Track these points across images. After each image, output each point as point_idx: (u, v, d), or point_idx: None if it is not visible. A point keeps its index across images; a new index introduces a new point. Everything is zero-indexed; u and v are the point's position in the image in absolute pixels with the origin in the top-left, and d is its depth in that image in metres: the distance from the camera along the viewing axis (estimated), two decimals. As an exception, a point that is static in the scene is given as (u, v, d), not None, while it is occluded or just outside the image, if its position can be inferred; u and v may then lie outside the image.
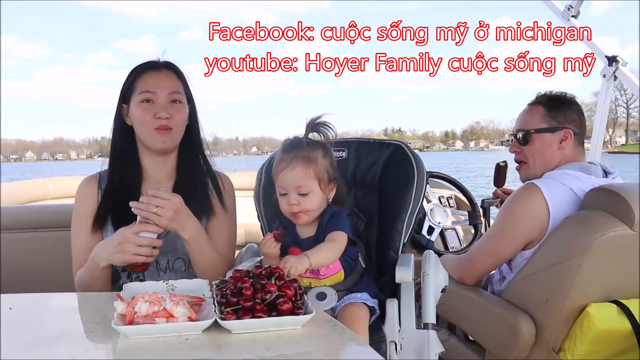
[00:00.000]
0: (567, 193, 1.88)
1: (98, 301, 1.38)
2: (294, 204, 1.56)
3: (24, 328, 1.20)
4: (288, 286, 1.20)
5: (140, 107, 1.68)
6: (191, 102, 1.79)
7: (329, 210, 1.62)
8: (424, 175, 1.80)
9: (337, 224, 1.57)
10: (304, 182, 1.56)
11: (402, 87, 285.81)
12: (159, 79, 1.71)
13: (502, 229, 1.97)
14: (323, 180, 1.58)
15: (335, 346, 1.09)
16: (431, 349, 1.58)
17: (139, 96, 1.68)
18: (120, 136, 1.75)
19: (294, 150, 1.59)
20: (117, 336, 1.10)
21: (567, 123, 2.04)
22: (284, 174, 1.57)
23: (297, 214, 1.58)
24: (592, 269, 1.74)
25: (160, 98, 1.68)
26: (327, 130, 1.64)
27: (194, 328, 1.12)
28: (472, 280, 2.07)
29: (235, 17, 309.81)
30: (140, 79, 1.71)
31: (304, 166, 1.56)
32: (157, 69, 1.73)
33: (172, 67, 1.76)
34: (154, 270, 1.71)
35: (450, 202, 3.31)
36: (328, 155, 1.61)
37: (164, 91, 1.69)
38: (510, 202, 1.96)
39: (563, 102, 2.07)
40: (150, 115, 1.66)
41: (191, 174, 1.78)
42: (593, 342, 1.76)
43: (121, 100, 1.74)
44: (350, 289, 1.62)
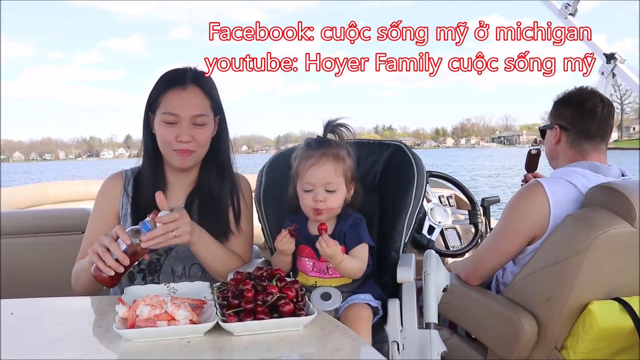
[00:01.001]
0: (570, 190, 1.88)
1: (99, 305, 1.38)
2: (320, 201, 1.57)
3: (25, 332, 1.20)
4: (289, 287, 1.20)
5: (162, 127, 1.63)
6: (220, 112, 1.71)
7: (349, 216, 1.63)
8: (424, 175, 1.80)
9: (362, 235, 1.60)
10: (334, 178, 1.58)
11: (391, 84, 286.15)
12: (183, 99, 1.62)
13: (506, 226, 1.98)
14: (348, 179, 1.61)
15: (337, 347, 1.09)
16: (433, 349, 1.57)
17: (162, 115, 1.62)
18: (148, 143, 1.71)
19: (322, 147, 1.60)
20: (119, 340, 1.10)
21: (560, 120, 2.04)
22: (314, 169, 1.58)
23: (320, 211, 1.58)
24: (594, 267, 1.73)
25: (183, 120, 1.61)
26: (343, 131, 1.67)
27: (195, 331, 1.12)
28: (478, 280, 2.07)
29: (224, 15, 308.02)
30: (164, 96, 1.63)
31: (334, 163, 1.58)
32: (183, 85, 1.63)
33: (199, 82, 1.66)
34: (169, 275, 1.70)
35: (450, 202, 3.31)
36: (351, 156, 1.64)
37: (188, 113, 1.61)
38: (514, 200, 1.97)
39: (562, 99, 2.07)
40: (172, 137, 1.61)
41: (213, 190, 1.72)
42: (595, 339, 1.75)
43: (147, 109, 1.69)
44: (354, 290, 1.62)
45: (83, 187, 4.09)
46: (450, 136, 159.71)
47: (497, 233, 2.02)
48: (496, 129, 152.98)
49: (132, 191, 1.73)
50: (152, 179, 1.70)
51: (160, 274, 1.71)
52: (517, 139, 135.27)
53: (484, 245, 2.12)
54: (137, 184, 1.73)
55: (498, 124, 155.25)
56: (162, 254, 1.71)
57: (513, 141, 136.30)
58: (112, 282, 1.40)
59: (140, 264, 1.70)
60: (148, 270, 1.71)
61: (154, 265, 1.71)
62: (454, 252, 2.96)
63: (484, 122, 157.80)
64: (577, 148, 2.01)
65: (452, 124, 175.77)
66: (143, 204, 1.67)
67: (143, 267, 1.71)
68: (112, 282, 1.41)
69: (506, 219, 1.99)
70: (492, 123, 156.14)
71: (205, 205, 1.71)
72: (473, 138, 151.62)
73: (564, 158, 2.03)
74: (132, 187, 1.74)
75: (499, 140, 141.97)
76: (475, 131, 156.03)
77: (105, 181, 1.79)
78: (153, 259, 1.70)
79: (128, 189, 1.74)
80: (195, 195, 1.73)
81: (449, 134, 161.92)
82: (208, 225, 1.61)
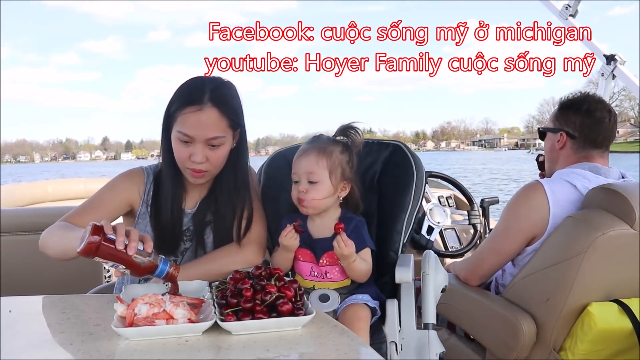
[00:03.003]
0: (570, 190, 1.89)
1: (98, 303, 1.38)
2: (302, 191, 1.59)
3: (23, 331, 1.19)
4: (288, 287, 1.20)
5: (177, 144, 1.60)
6: (240, 126, 1.65)
7: (351, 218, 1.64)
8: (423, 175, 1.80)
9: (366, 239, 1.61)
10: (315, 169, 1.59)
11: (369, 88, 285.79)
12: (199, 120, 1.55)
13: (506, 226, 1.98)
14: (335, 174, 1.61)
15: (336, 347, 1.09)
16: (432, 349, 1.57)
17: (177, 133, 1.58)
18: (166, 150, 1.67)
19: (314, 142, 1.66)
20: (117, 338, 1.10)
21: (566, 126, 2.04)
22: (298, 160, 1.63)
23: (302, 201, 1.60)
24: (593, 268, 1.73)
25: (198, 142, 1.57)
26: (353, 134, 1.69)
27: (194, 330, 1.12)
28: (477, 280, 2.07)
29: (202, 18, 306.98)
30: (180, 114, 1.57)
31: (317, 155, 1.61)
32: (200, 105, 1.56)
33: (217, 102, 1.57)
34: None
35: (450, 202, 3.30)
36: (347, 153, 1.65)
37: (202, 136, 1.56)
38: (514, 199, 1.98)
39: (570, 104, 2.07)
40: (186, 156, 1.59)
41: (224, 200, 1.69)
42: (594, 341, 1.75)
43: (166, 119, 1.64)
44: (352, 291, 1.62)
45: (82, 185, 4.10)
46: (430, 139, 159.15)
47: (497, 232, 2.02)
48: (477, 132, 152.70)
49: (152, 189, 1.71)
50: (171, 182, 1.68)
51: None
52: (497, 142, 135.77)
53: (484, 245, 2.12)
54: (157, 184, 1.71)
55: (478, 127, 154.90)
56: (179, 255, 1.70)
57: (494, 144, 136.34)
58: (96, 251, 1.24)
59: None
60: None
61: None
62: (453, 253, 2.96)
63: (464, 126, 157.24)
64: (581, 154, 2.02)
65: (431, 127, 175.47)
66: (161, 206, 1.66)
67: None
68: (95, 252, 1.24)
69: (506, 218, 1.99)
70: (473, 126, 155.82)
71: (217, 216, 1.69)
72: (453, 141, 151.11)
73: (567, 162, 2.03)
74: (152, 186, 1.71)
75: (480, 144, 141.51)
76: (455, 134, 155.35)
77: (128, 171, 1.75)
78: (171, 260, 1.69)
79: (148, 187, 1.71)
80: (206, 203, 1.72)
81: (429, 137, 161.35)
82: (217, 233, 1.66)
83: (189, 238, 1.70)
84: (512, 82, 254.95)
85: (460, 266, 2.16)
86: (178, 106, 1.59)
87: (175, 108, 1.59)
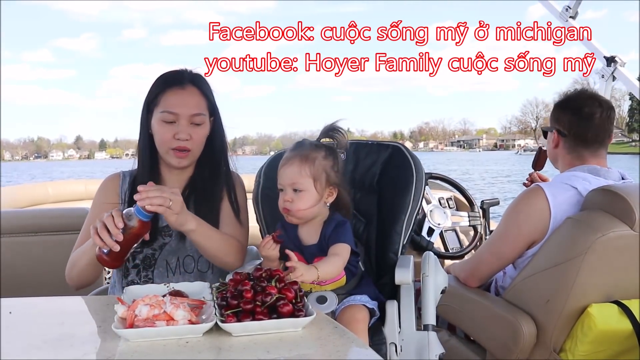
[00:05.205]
0: (571, 193, 1.88)
1: (98, 304, 1.39)
2: (287, 201, 1.58)
3: (24, 332, 1.19)
4: (288, 288, 1.20)
5: (161, 125, 1.68)
6: (215, 113, 1.76)
7: (333, 219, 1.62)
8: (423, 176, 1.80)
9: (340, 236, 1.58)
10: (298, 179, 1.57)
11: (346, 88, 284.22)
12: (182, 98, 1.68)
13: (506, 230, 1.98)
14: (319, 181, 1.58)
15: (336, 348, 1.09)
16: (431, 350, 1.58)
17: (160, 114, 1.67)
18: (144, 142, 1.74)
19: (297, 149, 1.62)
20: (117, 339, 1.10)
21: (558, 124, 2.03)
22: (282, 170, 1.61)
23: (287, 211, 1.59)
24: (593, 270, 1.73)
25: (182, 119, 1.66)
26: (338, 136, 1.67)
27: (194, 331, 1.12)
28: (477, 282, 2.07)
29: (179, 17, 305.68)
30: (163, 96, 1.68)
31: (300, 164, 1.58)
32: (181, 85, 1.69)
33: (197, 83, 1.72)
34: (163, 271, 1.73)
35: (450, 204, 3.31)
36: (330, 158, 1.62)
37: (186, 112, 1.66)
38: (514, 204, 1.97)
39: (561, 103, 2.07)
40: (170, 135, 1.66)
41: (206, 187, 1.77)
42: (594, 342, 1.75)
43: (145, 109, 1.73)
44: (350, 292, 1.62)
45: (82, 186, 4.11)
46: (408, 140, 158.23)
47: (498, 236, 2.02)
48: (455, 133, 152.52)
49: (128, 189, 1.77)
50: (147, 177, 1.71)
51: (155, 269, 1.73)
52: (476, 143, 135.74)
53: (484, 247, 2.12)
54: (134, 185, 1.74)
55: (456, 128, 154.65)
56: (157, 249, 1.73)
57: (472, 145, 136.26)
58: (112, 262, 1.45)
59: (134, 259, 1.73)
60: (142, 265, 1.74)
61: (148, 260, 1.73)
62: (453, 254, 2.96)
63: (442, 126, 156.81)
64: (574, 154, 2.00)
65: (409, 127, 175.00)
66: None
67: (137, 263, 1.74)
68: (112, 263, 1.45)
69: (506, 222, 1.98)
70: (451, 127, 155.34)
71: (200, 202, 1.74)
72: (431, 142, 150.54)
73: (563, 162, 2.04)
74: (128, 186, 1.77)
75: (459, 144, 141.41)
76: (433, 135, 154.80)
77: (104, 181, 1.84)
78: (148, 254, 1.73)
79: (124, 187, 1.78)
80: (189, 192, 1.76)
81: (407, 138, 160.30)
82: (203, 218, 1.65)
83: (168, 233, 1.73)
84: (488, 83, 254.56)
85: (459, 268, 2.16)
86: (160, 89, 1.69)
87: (157, 92, 1.69)
